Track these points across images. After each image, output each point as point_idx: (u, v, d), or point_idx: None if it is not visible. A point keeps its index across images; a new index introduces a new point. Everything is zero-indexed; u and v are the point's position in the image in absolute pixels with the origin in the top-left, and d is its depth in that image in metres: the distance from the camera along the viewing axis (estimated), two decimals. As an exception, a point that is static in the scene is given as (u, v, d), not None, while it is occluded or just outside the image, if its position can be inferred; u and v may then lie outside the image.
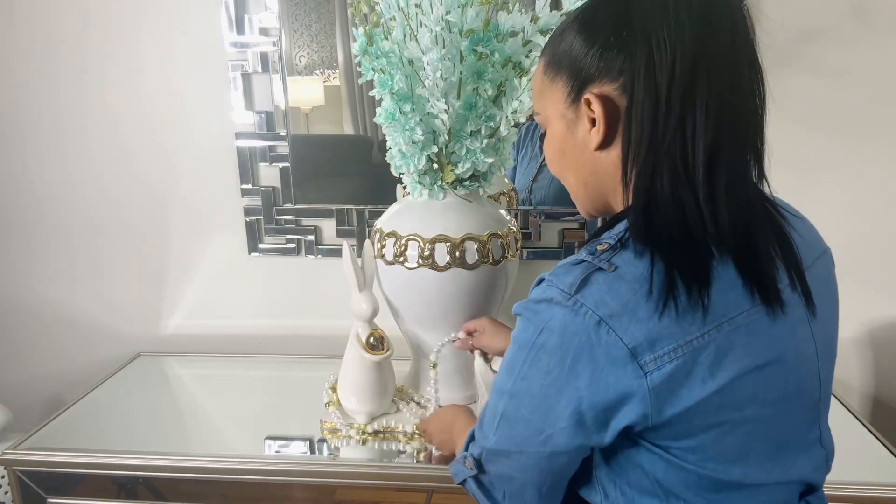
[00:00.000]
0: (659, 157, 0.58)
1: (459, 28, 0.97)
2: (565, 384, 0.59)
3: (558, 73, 0.66)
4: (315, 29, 1.37)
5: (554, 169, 0.73)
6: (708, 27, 0.58)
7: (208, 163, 1.48)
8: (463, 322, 1.17)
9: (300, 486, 1.12)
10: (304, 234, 1.50)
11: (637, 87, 0.59)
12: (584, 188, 0.70)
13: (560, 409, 0.60)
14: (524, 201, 1.43)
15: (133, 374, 1.48)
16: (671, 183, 0.58)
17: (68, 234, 1.56)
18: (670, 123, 0.58)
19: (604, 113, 0.62)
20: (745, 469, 0.62)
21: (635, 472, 0.64)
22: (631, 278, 0.57)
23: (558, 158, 0.71)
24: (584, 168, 0.68)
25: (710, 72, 0.57)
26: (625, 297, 0.57)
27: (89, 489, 1.17)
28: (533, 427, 0.63)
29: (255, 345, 1.58)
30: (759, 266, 0.60)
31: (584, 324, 0.57)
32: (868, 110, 1.34)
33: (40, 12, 1.42)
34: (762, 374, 0.59)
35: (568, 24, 0.67)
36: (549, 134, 0.71)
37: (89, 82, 1.46)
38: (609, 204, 0.69)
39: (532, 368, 0.61)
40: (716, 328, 0.57)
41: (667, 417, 0.58)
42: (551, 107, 0.69)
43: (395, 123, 1.04)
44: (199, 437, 1.25)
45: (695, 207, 0.58)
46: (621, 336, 0.56)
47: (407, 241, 1.11)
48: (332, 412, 1.20)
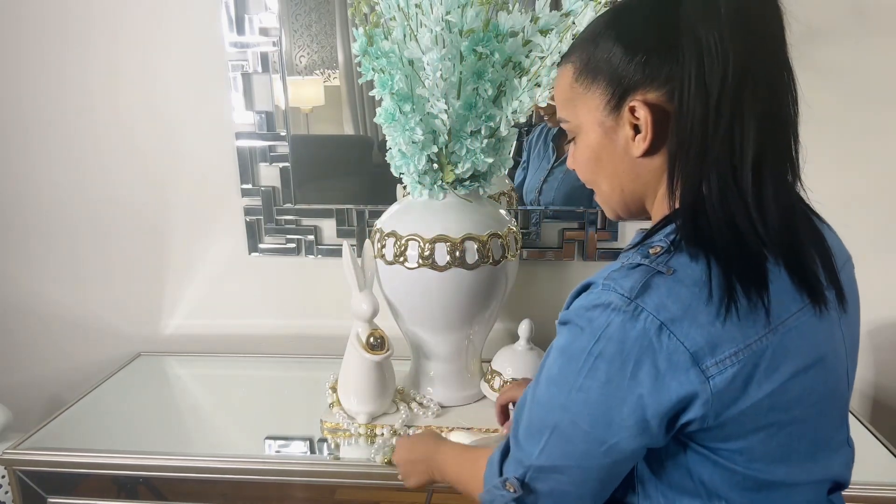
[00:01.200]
0: (708, 163, 0.59)
1: (459, 28, 0.97)
2: (627, 392, 0.58)
3: (595, 80, 0.65)
4: (315, 29, 1.37)
5: (585, 176, 0.72)
6: (755, 34, 0.58)
7: (208, 163, 1.48)
8: (463, 322, 1.17)
9: (300, 486, 1.12)
10: (304, 234, 1.50)
11: (686, 94, 0.58)
12: (620, 194, 0.69)
13: (623, 417, 0.59)
14: (532, 202, 1.43)
15: (133, 374, 1.48)
16: (720, 188, 0.59)
17: (68, 234, 1.56)
18: (720, 130, 0.58)
19: (651, 120, 0.62)
20: (787, 469, 0.62)
21: (679, 474, 0.64)
22: (690, 282, 0.57)
23: (593, 166, 0.70)
24: (624, 175, 0.67)
25: (756, 78, 0.58)
26: (685, 302, 0.57)
27: (90, 489, 1.17)
28: (593, 439, 0.61)
29: (255, 345, 1.58)
30: (806, 267, 0.61)
31: (645, 329, 0.56)
32: (868, 110, 1.34)
33: (45, 13, 1.42)
34: (808, 375, 0.60)
35: (602, 29, 0.66)
36: (583, 142, 0.69)
37: (92, 82, 1.46)
38: (644, 208, 0.70)
39: (589, 378, 0.59)
40: (772, 331, 0.58)
41: (723, 420, 0.58)
42: (585, 114, 0.67)
43: (395, 123, 1.04)
44: (199, 437, 1.25)
45: (744, 212, 0.59)
46: (683, 341, 0.56)
47: (407, 241, 1.11)
48: (336, 412, 1.20)
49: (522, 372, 1.19)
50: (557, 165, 1.39)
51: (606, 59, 0.64)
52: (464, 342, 1.21)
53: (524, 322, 1.21)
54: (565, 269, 1.48)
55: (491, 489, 0.71)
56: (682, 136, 0.60)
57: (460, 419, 1.18)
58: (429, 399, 1.22)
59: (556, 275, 1.48)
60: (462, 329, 1.19)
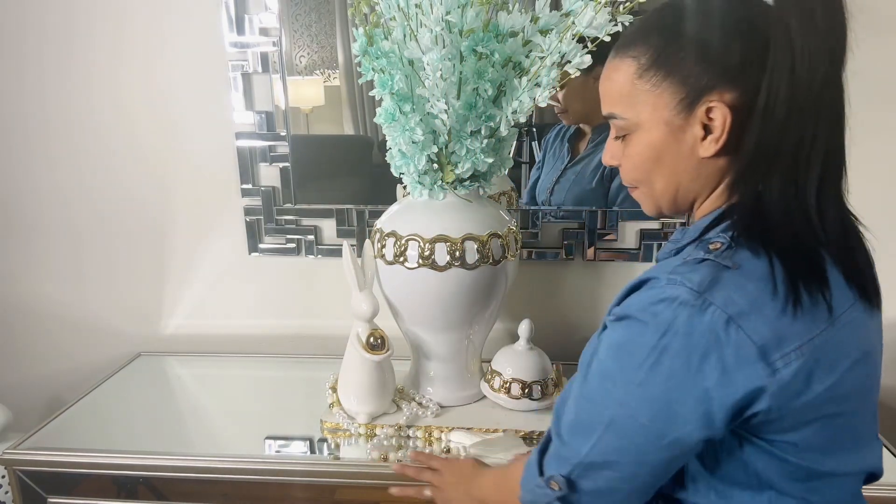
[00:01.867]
0: (778, 165, 0.59)
1: (459, 28, 0.97)
2: (693, 386, 0.58)
3: (668, 77, 0.63)
4: (315, 29, 1.37)
5: (637, 175, 0.70)
6: (837, 40, 0.58)
7: (208, 163, 1.48)
8: (463, 322, 1.17)
9: (300, 486, 1.12)
10: (304, 234, 1.50)
11: (775, 96, 0.58)
12: (675, 192, 0.69)
13: (687, 411, 0.59)
14: (544, 202, 1.43)
15: (133, 374, 1.48)
16: (787, 188, 0.59)
17: (69, 233, 1.56)
18: (800, 132, 0.58)
19: (731, 121, 0.61)
20: (835, 459, 0.64)
21: (734, 466, 0.64)
22: (755, 277, 0.58)
23: (650, 165, 0.68)
24: (683, 174, 0.67)
25: (832, 83, 0.58)
26: (752, 296, 0.57)
27: (89, 489, 1.17)
28: (653, 433, 0.60)
29: (255, 345, 1.58)
30: (858, 265, 0.64)
31: (712, 322, 0.56)
32: (867, 110, 1.34)
33: (48, 13, 1.42)
34: (858, 369, 0.62)
35: (677, 22, 0.64)
36: (641, 140, 0.67)
37: (92, 82, 1.46)
38: (692, 205, 0.70)
39: (652, 373, 0.59)
40: (832, 325, 0.59)
41: (784, 412, 0.59)
42: (649, 112, 0.65)
43: (395, 123, 1.04)
44: (199, 437, 1.25)
45: (806, 211, 0.60)
46: (750, 335, 0.56)
47: (407, 241, 1.11)
48: (336, 412, 1.20)
49: (522, 372, 1.18)
50: (571, 166, 1.39)
51: (682, 55, 0.62)
52: (464, 342, 1.21)
53: (524, 322, 1.21)
54: (565, 269, 1.48)
55: (533, 489, 0.70)
56: (762, 138, 0.59)
57: (460, 419, 1.18)
58: (428, 399, 1.22)
59: (556, 275, 1.48)
60: (462, 329, 1.19)
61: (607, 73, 0.69)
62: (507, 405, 1.19)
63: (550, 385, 1.22)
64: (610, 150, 0.73)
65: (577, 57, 0.98)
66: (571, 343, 1.52)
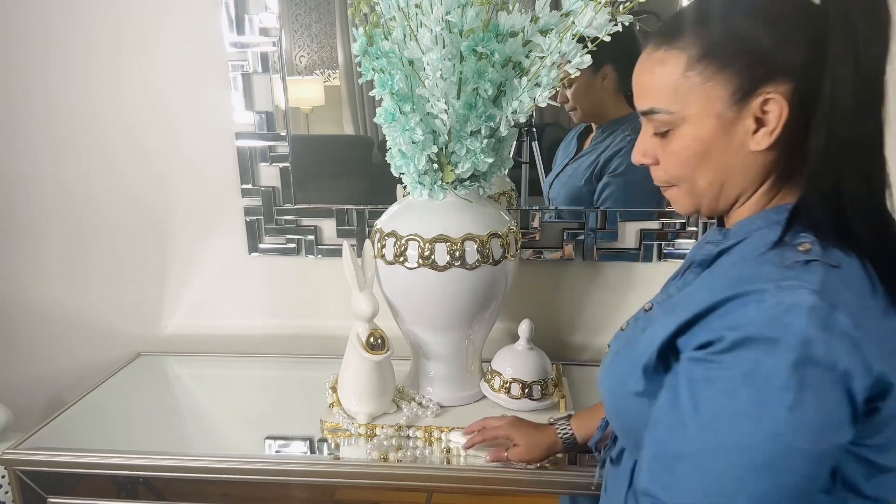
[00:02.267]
0: (852, 158, 0.58)
1: (459, 28, 0.97)
2: (842, 391, 0.53)
3: (722, 69, 0.61)
4: (315, 29, 1.37)
5: (680, 172, 0.67)
6: (891, 28, 0.56)
7: (208, 163, 1.48)
8: (463, 322, 1.17)
9: (300, 486, 1.12)
10: (304, 234, 1.50)
11: (839, 88, 0.56)
12: (719, 189, 0.66)
13: (843, 416, 0.54)
14: (549, 196, 1.43)
15: (133, 374, 1.48)
16: (860, 183, 0.58)
17: (68, 233, 1.56)
18: (867, 124, 0.57)
19: (788, 114, 0.59)
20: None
21: None
22: (854, 276, 0.57)
23: (697, 161, 0.65)
24: (731, 169, 0.64)
25: (883, 73, 0.57)
26: (860, 294, 0.56)
27: (89, 489, 1.17)
28: (814, 456, 0.54)
29: (255, 345, 1.58)
30: None
31: (843, 323, 0.53)
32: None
33: (48, 13, 1.42)
34: None
35: (725, 13, 0.61)
36: (688, 135, 0.64)
37: (92, 82, 1.46)
38: (733, 205, 0.67)
39: (802, 392, 0.52)
40: None
41: (887, 412, 0.57)
42: (699, 105, 0.62)
43: (395, 123, 1.04)
44: (199, 437, 1.25)
45: (881, 208, 0.59)
46: (872, 332, 0.55)
47: (407, 241, 1.11)
48: (336, 412, 1.20)
49: (522, 372, 1.19)
50: (570, 163, 1.39)
51: (735, 46, 0.60)
52: (464, 342, 1.21)
53: (524, 322, 1.21)
54: (565, 269, 1.48)
55: None
56: (833, 131, 0.57)
57: (460, 419, 1.18)
58: (428, 399, 1.22)
59: (556, 275, 1.48)
60: (462, 329, 1.19)
61: (648, 66, 0.66)
62: (507, 405, 1.19)
63: (550, 385, 1.22)
64: (643, 147, 0.69)
65: (577, 57, 0.98)
66: (571, 343, 1.52)
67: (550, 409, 1.20)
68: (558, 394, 1.22)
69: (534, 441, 1.03)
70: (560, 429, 1.03)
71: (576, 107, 1.35)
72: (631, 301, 1.48)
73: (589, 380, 1.38)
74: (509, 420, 1.07)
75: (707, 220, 1.40)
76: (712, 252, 0.68)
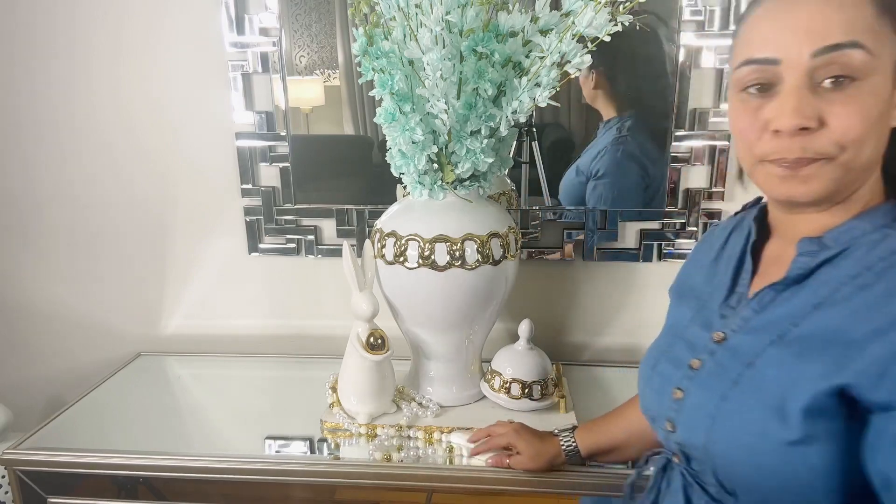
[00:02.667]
0: None
1: (459, 28, 0.97)
2: None
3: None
4: (315, 29, 1.37)
5: (862, 132, 0.55)
6: None
7: (208, 163, 1.48)
8: (463, 322, 1.17)
9: (300, 486, 1.12)
10: (304, 234, 1.50)
11: None
12: (876, 166, 0.58)
13: None
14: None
15: (133, 374, 1.48)
16: None
17: (69, 233, 1.56)
18: None
19: None
20: None
21: None
22: None
23: (874, 124, 0.55)
24: (881, 142, 0.57)
25: None
26: None
27: (89, 489, 1.17)
28: None
29: (255, 345, 1.58)
30: None
31: None
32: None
33: (48, 14, 1.42)
34: None
35: None
36: (878, 85, 0.54)
37: (92, 82, 1.46)
38: (844, 199, 0.59)
39: None
40: None
41: None
42: (887, 55, 0.53)
43: (395, 123, 1.04)
44: (199, 437, 1.25)
45: None
46: None
47: (407, 241, 1.11)
48: (336, 412, 1.20)
49: (522, 372, 1.19)
50: (576, 157, 1.39)
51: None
52: (464, 342, 1.21)
53: (524, 322, 1.21)
54: (565, 269, 1.48)
55: None
56: None
57: (460, 419, 1.18)
58: (428, 399, 1.22)
59: (556, 275, 1.48)
60: (462, 329, 1.19)
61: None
62: (507, 405, 1.19)
63: (550, 385, 1.22)
64: (804, 106, 0.55)
65: (577, 57, 0.98)
66: (571, 343, 1.52)
67: (550, 409, 1.20)
68: (558, 394, 1.22)
69: (536, 451, 1.03)
70: (564, 441, 1.02)
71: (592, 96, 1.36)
72: (631, 301, 1.48)
73: (589, 380, 1.38)
74: (514, 427, 1.07)
75: (707, 220, 1.39)
76: (809, 265, 0.61)
